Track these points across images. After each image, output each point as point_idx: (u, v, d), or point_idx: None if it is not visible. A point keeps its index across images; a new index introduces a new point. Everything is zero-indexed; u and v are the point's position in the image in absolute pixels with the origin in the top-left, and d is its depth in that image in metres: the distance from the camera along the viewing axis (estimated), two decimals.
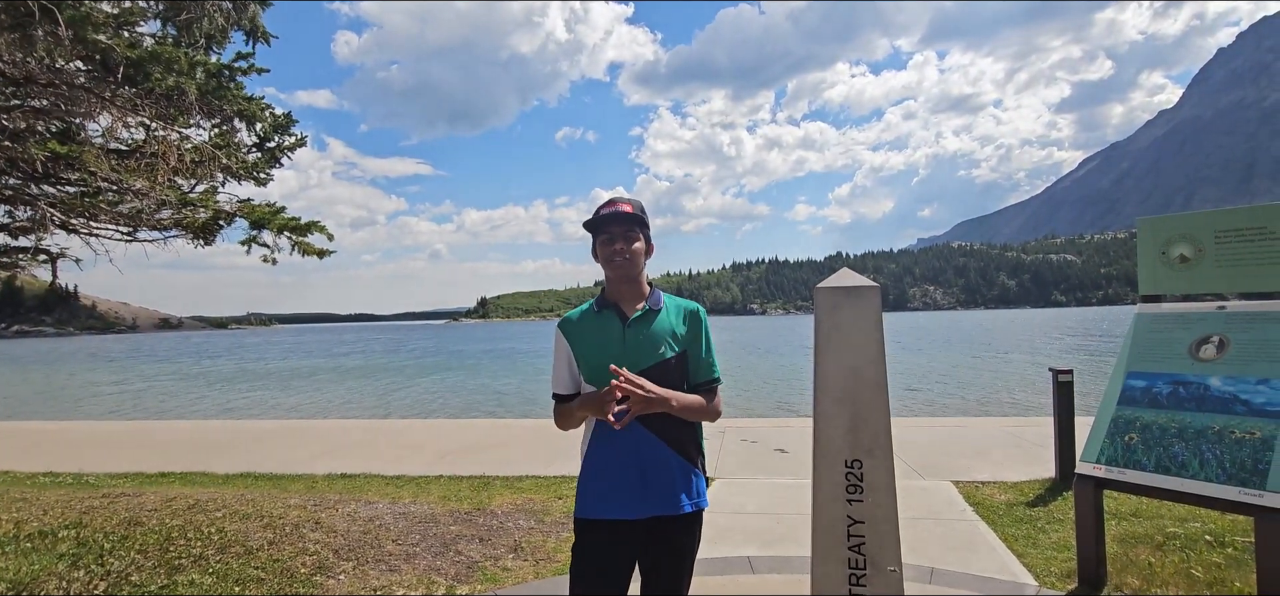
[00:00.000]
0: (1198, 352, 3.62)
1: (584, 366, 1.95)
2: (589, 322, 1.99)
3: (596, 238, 1.99)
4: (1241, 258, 3.64)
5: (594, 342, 1.94)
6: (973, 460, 6.60)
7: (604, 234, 1.96)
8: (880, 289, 1.82)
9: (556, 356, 2.01)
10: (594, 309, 2.02)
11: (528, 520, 4.83)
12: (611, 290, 2.01)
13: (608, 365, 1.83)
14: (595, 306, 2.02)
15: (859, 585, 1.71)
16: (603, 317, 1.98)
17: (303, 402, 20.41)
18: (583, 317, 2.00)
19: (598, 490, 1.90)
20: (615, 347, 1.91)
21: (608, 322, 1.97)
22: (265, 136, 5.20)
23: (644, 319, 1.97)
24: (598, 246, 1.99)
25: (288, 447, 8.40)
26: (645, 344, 1.93)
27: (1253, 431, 3.19)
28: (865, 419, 1.75)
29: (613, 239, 1.95)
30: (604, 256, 1.97)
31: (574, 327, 1.99)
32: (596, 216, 1.96)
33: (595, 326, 1.97)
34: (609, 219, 1.94)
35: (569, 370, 1.98)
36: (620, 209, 1.94)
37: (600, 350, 1.92)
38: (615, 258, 1.94)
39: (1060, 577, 3.64)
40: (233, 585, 3.56)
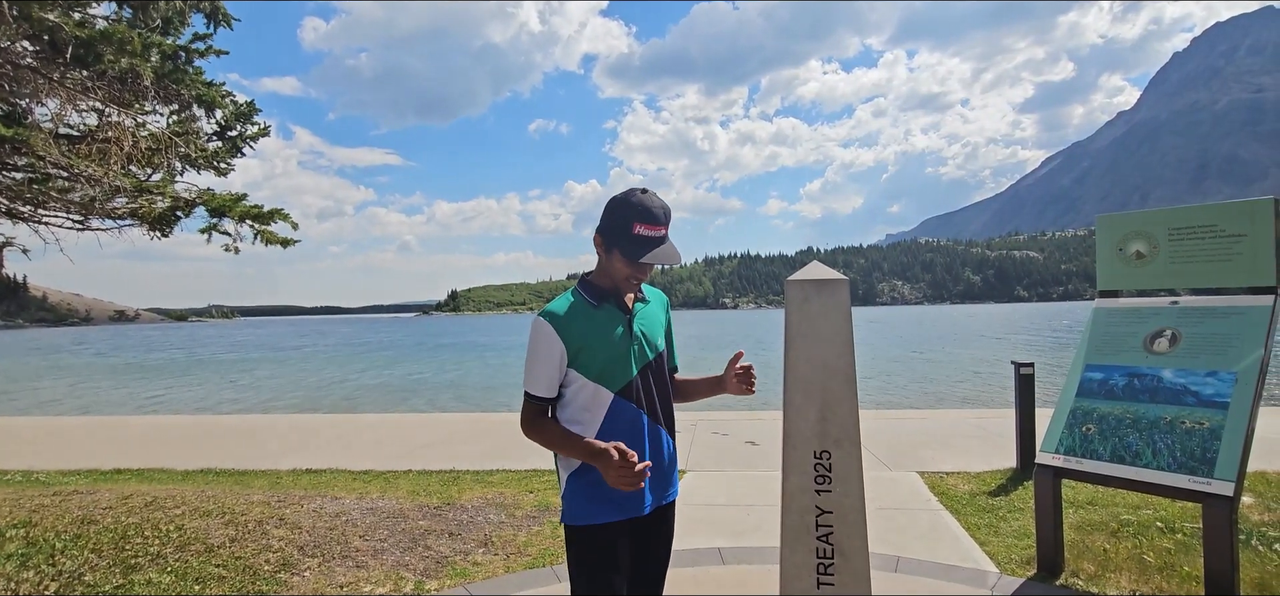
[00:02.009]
0: (1151, 346, 3.75)
1: (587, 364, 1.82)
2: (588, 317, 1.85)
3: (624, 256, 1.80)
4: (1193, 255, 3.77)
5: (600, 337, 1.83)
6: (937, 451, 6.74)
7: (639, 266, 1.81)
8: (849, 282, 1.84)
9: (541, 355, 1.80)
10: (587, 301, 1.87)
11: (498, 514, 4.79)
12: (606, 281, 1.90)
13: (619, 359, 1.84)
14: (588, 298, 1.88)
15: (827, 574, 1.73)
16: (605, 311, 1.87)
17: (266, 398, 19.94)
18: (576, 311, 1.85)
19: (605, 494, 1.81)
20: (624, 344, 1.87)
21: (611, 316, 1.88)
22: (227, 124, 5.04)
23: (642, 312, 1.96)
24: (621, 264, 1.82)
25: (250, 443, 8.20)
26: (648, 337, 1.94)
27: (1201, 422, 3.32)
28: (834, 410, 1.77)
29: (645, 270, 1.84)
30: (630, 272, 1.83)
31: (569, 323, 1.82)
32: (637, 240, 1.77)
33: (598, 321, 1.85)
34: (651, 255, 1.78)
35: (559, 370, 1.82)
36: (664, 235, 1.82)
37: (610, 345, 1.84)
38: (636, 280, 1.87)
39: (1020, 564, 3.75)
40: (193, 584, 3.46)
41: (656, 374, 1.94)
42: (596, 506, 1.82)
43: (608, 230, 1.83)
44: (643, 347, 1.92)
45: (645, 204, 1.80)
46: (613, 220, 1.82)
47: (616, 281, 1.88)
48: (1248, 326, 3.46)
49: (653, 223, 1.79)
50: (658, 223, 1.80)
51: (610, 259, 1.84)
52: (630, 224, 1.78)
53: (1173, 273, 3.86)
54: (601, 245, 1.86)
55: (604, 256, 1.87)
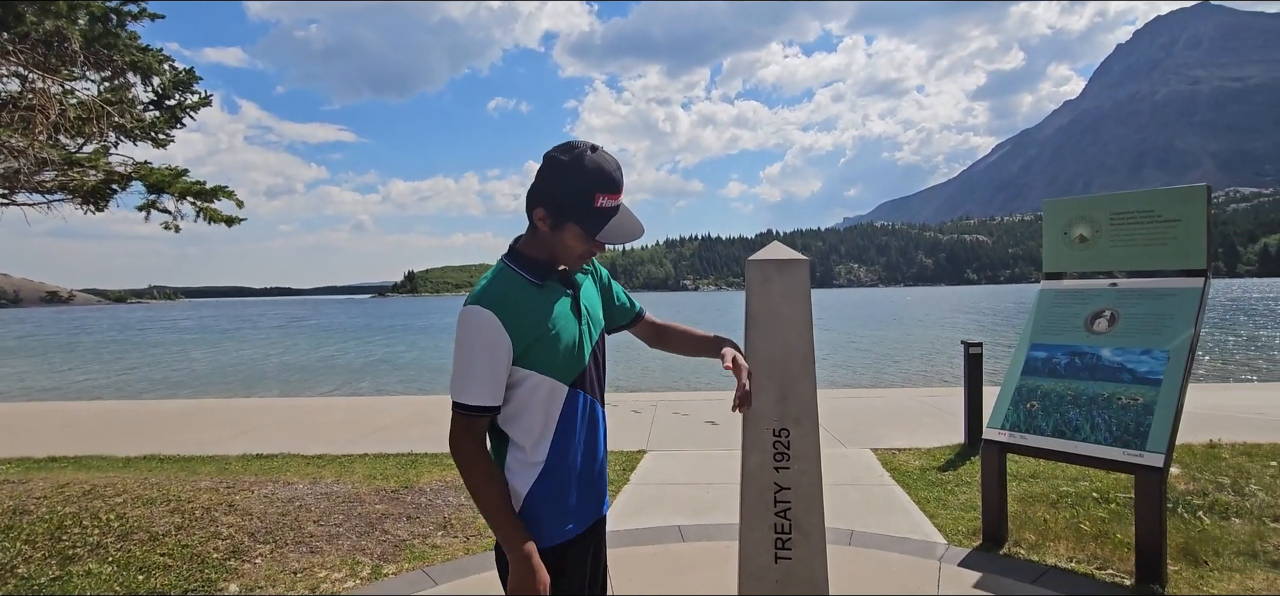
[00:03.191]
0: (1092, 326, 3.91)
1: (539, 358, 1.48)
2: (531, 299, 1.48)
3: (577, 229, 1.47)
4: (1132, 238, 3.94)
5: (553, 325, 1.50)
6: (890, 429, 6.94)
7: (607, 240, 1.50)
8: (808, 262, 1.86)
9: (485, 352, 1.41)
10: (527, 279, 1.50)
11: (457, 497, 4.74)
12: (540, 251, 1.54)
13: (573, 347, 1.53)
14: (528, 275, 1.50)
15: (785, 549, 1.77)
16: (549, 292, 1.52)
17: (211, 381, 19.24)
18: (518, 295, 1.47)
19: (563, 499, 1.53)
20: (576, 327, 1.55)
21: (558, 296, 1.54)
22: (164, 92, 4.77)
23: (583, 286, 1.66)
24: (573, 240, 1.49)
25: (196, 428, 7.91)
26: (594, 315, 1.65)
27: (1136, 397, 3.49)
28: (793, 389, 1.79)
29: (600, 247, 1.54)
30: (581, 251, 1.52)
31: (514, 312, 1.44)
32: (599, 212, 1.46)
33: (545, 304, 1.50)
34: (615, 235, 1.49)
35: (506, 368, 1.44)
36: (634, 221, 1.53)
37: (564, 333, 1.51)
38: (589, 258, 1.59)
39: (967, 535, 3.90)
40: (136, 574, 3.33)
41: (601, 352, 1.66)
42: (559, 522, 1.53)
43: (560, 202, 1.45)
44: (591, 327, 1.61)
45: (603, 167, 1.45)
46: (566, 189, 1.45)
47: (562, 258, 1.54)
48: (1180, 307, 3.64)
49: (614, 191, 1.47)
50: (618, 189, 1.48)
51: (561, 234, 1.48)
52: (592, 195, 1.44)
53: (1113, 255, 4.03)
54: (546, 220, 1.48)
55: (549, 232, 1.49)
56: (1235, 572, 3.31)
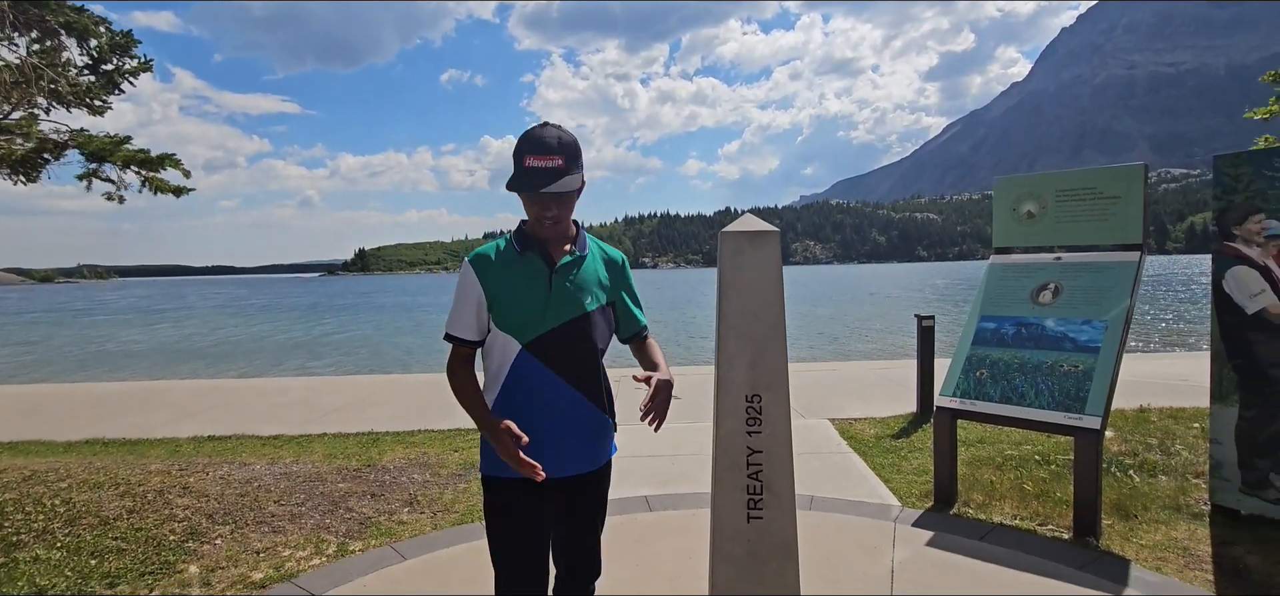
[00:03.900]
0: (1037, 298, 4.12)
1: (501, 313, 1.73)
2: (510, 264, 1.75)
3: (523, 183, 1.65)
4: (1076, 215, 4.14)
5: (517, 288, 1.72)
6: (847, 400, 7.17)
7: (536, 199, 1.67)
8: (778, 233, 1.91)
9: (462, 295, 1.74)
10: (515, 248, 1.76)
11: (422, 473, 4.71)
12: (538, 229, 1.75)
13: (533, 311, 1.71)
14: (516, 245, 1.77)
15: (757, 509, 1.83)
16: (527, 260, 1.75)
17: (155, 363, 18.46)
18: (500, 257, 1.76)
19: (528, 447, 1.67)
20: (541, 296, 1.72)
21: (533, 267, 1.74)
22: (101, 56, 4.50)
23: (572, 265, 1.78)
24: (527, 203, 1.71)
25: (141, 411, 7.60)
26: (573, 293, 1.77)
27: (1077, 365, 3.70)
28: (764, 356, 1.84)
29: (545, 205, 1.68)
30: (533, 216, 1.72)
31: (490, 268, 1.74)
32: (525, 169, 1.64)
33: (518, 269, 1.74)
34: (540, 181, 1.63)
35: (478, 314, 1.74)
36: (552, 164, 1.64)
37: (525, 297, 1.72)
38: (545, 222, 1.71)
39: (919, 497, 4.08)
40: (88, 558, 3.22)
41: (579, 334, 1.76)
42: (498, 459, 1.71)
43: (514, 174, 1.68)
44: (564, 303, 1.75)
45: (537, 134, 1.66)
46: (514, 163, 1.67)
47: (532, 223, 1.75)
48: (1117, 279, 3.86)
49: (543, 153, 1.64)
50: (549, 152, 1.64)
51: (526, 204, 1.72)
52: (522, 157, 1.65)
53: (1058, 231, 4.23)
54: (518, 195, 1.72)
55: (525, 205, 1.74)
56: (1161, 524, 3.57)
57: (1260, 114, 6.64)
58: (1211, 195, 3.85)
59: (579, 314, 1.77)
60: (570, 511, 1.86)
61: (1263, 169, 3.61)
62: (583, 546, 1.92)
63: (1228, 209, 3.74)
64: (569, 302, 1.76)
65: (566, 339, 1.74)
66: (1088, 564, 3.13)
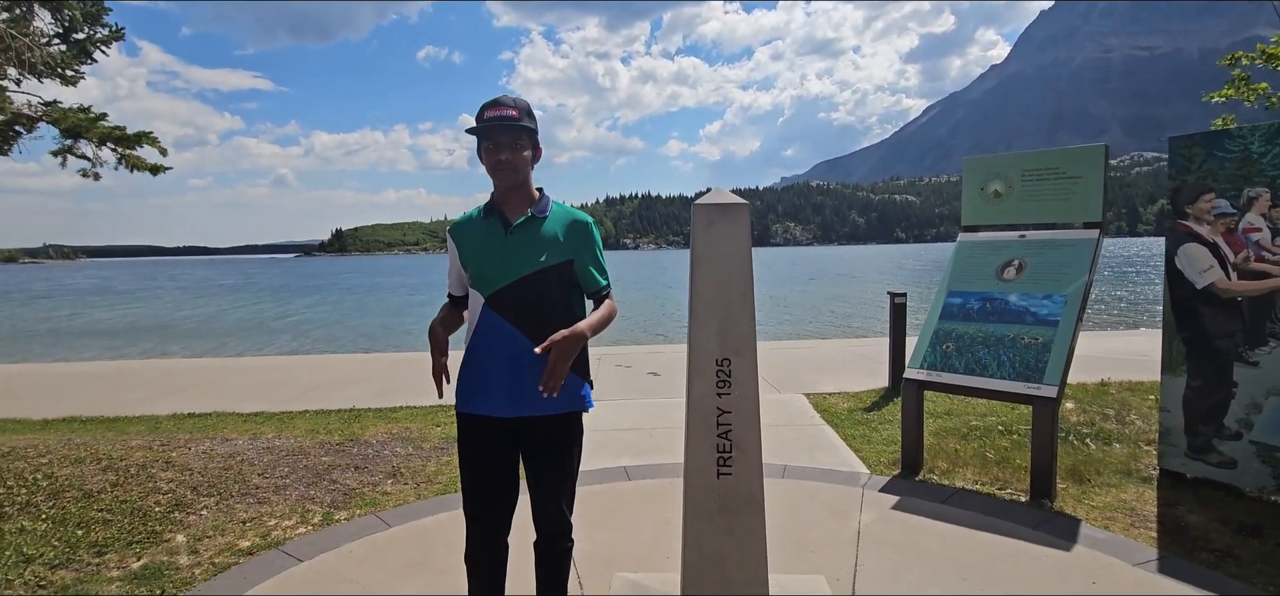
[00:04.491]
0: (1002, 274, 4.28)
1: (469, 271, 1.99)
2: (475, 227, 2.01)
3: (481, 143, 1.92)
4: (1039, 194, 4.30)
5: (478, 246, 1.96)
6: (822, 375, 7.35)
7: (488, 141, 1.90)
8: (748, 206, 2.01)
9: (450, 258, 2.07)
10: (481, 213, 2.02)
11: (405, 447, 4.78)
12: (499, 195, 1.99)
13: (491, 268, 1.93)
14: (483, 211, 2.02)
15: (726, 465, 1.95)
16: (488, 223, 1.98)
17: (128, 343, 18.17)
18: (469, 222, 2.03)
19: (472, 386, 1.96)
20: (498, 252, 1.93)
21: (492, 228, 1.97)
22: (73, 26, 4.43)
23: (527, 225, 1.95)
24: (482, 153, 1.93)
25: (118, 389, 7.55)
26: (526, 250, 1.92)
27: (1037, 337, 3.87)
28: (733, 322, 1.95)
29: (498, 147, 1.89)
30: (489, 164, 1.93)
31: (461, 231, 2.03)
32: (481, 121, 1.89)
33: (481, 230, 1.99)
34: (494, 126, 1.87)
35: (458, 273, 2.04)
36: (506, 114, 1.87)
37: (485, 254, 1.94)
38: (501, 166, 1.91)
39: (888, 465, 4.25)
40: (74, 529, 3.26)
41: (536, 289, 1.91)
42: (462, 395, 1.99)
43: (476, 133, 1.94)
44: (519, 259, 1.91)
45: (495, 97, 1.94)
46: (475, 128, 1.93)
47: (499, 189, 1.98)
48: (1077, 256, 4.03)
49: (497, 105, 1.90)
50: (503, 105, 1.90)
51: (483, 161, 1.95)
52: (481, 114, 1.91)
53: (1024, 209, 4.39)
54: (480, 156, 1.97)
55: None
56: (1112, 487, 3.78)
57: (1218, 97, 6.87)
58: (1167, 175, 4.03)
59: (533, 270, 1.92)
60: (531, 454, 2.00)
61: (1214, 150, 3.78)
62: (544, 491, 2.00)
63: (1181, 189, 3.92)
64: (523, 260, 1.92)
65: (522, 293, 1.92)
66: (1041, 523, 3.31)
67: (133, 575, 2.90)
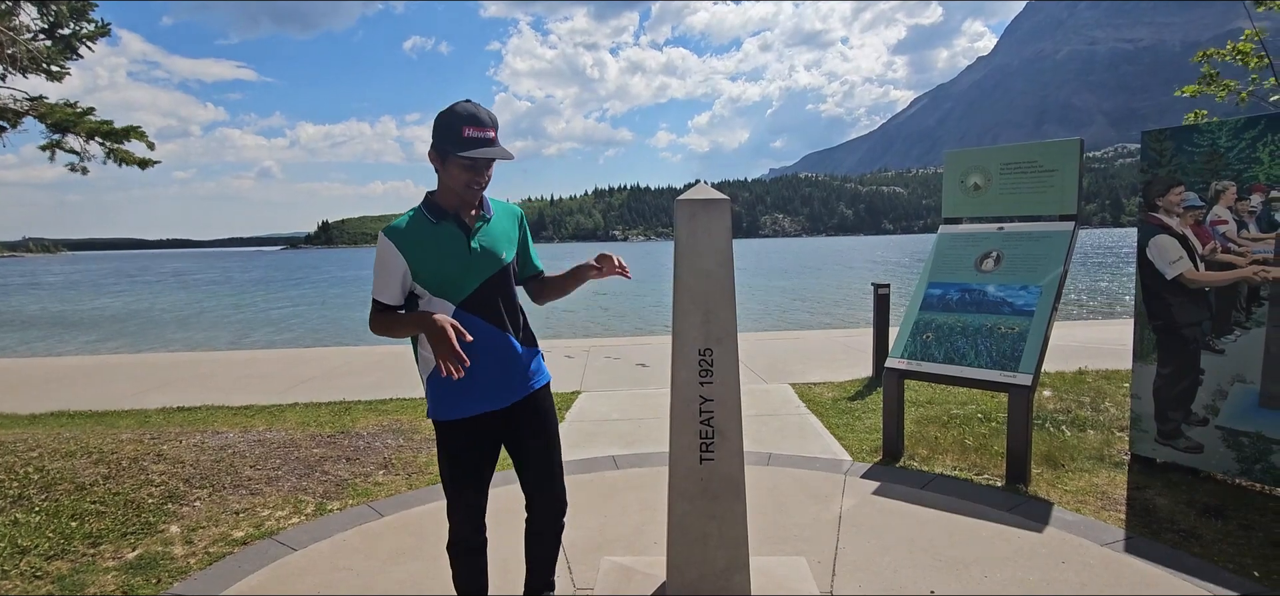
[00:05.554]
0: (980, 265, 4.39)
1: (428, 280, 1.90)
2: (426, 233, 1.91)
3: (456, 155, 1.82)
4: (1017, 187, 4.41)
5: (439, 254, 1.90)
6: (807, 365, 7.47)
7: (471, 162, 1.84)
8: (730, 202, 2.08)
9: (385, 266, 1.88)
10: (428, 218, 1.93)
11: (396, 439, 4.83)
12: (449, 200, 1.93)
13: (459, 274, 1.90)
14: (429, 216, 1.93)
15: (708, 451, 2.03)
16: (443, 229, 1.92)
17: (109, 337, 18.01)
18: (415, 228, 1.91)
19: (460, 390, 1.93)
20: (463, 258, 1.91)
21: (450, 234, 1.92)
22: (59, 21, 4.41)
23: (483, 228, 1.98)
24: (455, 166, 1.84)
25: (106, 384, 7.53)
26: (490, 250, 1.97)
27: (1013, 327, 3.99)
28: (715, 313, 2.03)
29: (480, 172, 1.87)
30: (465, 181, 1.86)
31: (408, 238, 1.89)
32: (468, 142, 1.82)
33: (436, 237, 1.91)
34: (483, 152, 1.83)
35: (402, 283, 1.90)
36: (493, 142, 1.86)
37: (448, 261, 1.90)
38: (474, 188, 1.89)
39: (870, 453, 4.36)
40: (68, 521, 3.30)
41: (502, 285, 2.00)
42: (450, 403, 1.95)
43: (439, 143, 1.85)
44: (482, 262, 1.95)
45: (471, 110, 1.85)
46: (443, 133, 1.84)
47: (457, 193, 1.90)
48: (1052, 248, 4.14)
49: (480, 126, 1.84)
50: (484, 126, 1.85)
51: (448, 170, 1.87)
52: (460, 130, 1.82)
53: (1002, 202, 4.49)
54: (438, 160, 1.89)
55: (442, 171, 1.90)
56: (1085, 472, 3.91)
57: (1189, 91, 7.02)
58: (1139, 168, 4.15)
59: (499, 268, 2.00)
60: (522, 435, 2.07)
61: (1183, 145, 3.90)
62: (546, 462, 2.10)
63: (1152, 182, 4.04)
64: (489, 260, 1.98)
65: (491, 291, 1.98)
66: (1015, 506, 3.43)
67: (128, 565, 2.95)
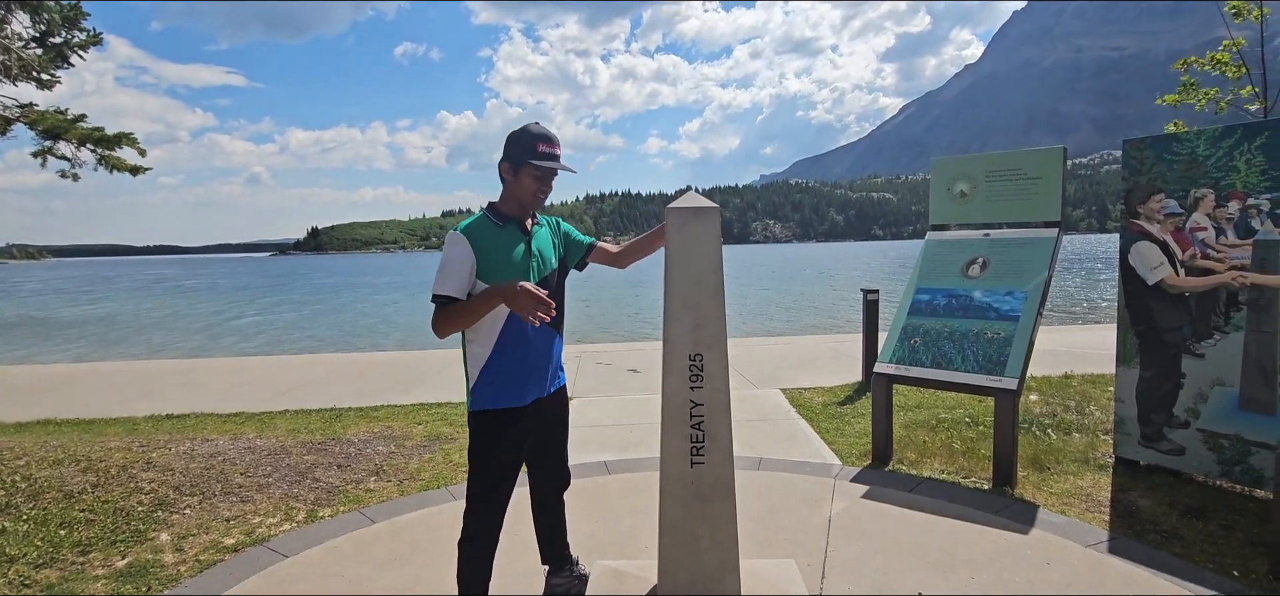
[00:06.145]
0: (967, 271, 4.45)
1: (490, 273, 2.10)
2: (492, 235, 2.14)
3: (527, 165, 2.12)
4: (1002, 194, 4.48)
5: (502, 255, 2.13)
6: (798, 371, 7.52)
7: (542, 176, 2.15)
8: (719, 209, 2.12)
9: (454, 261, 2.06)
10: (493, 222, 2.18)
11: (387, 445, 4.83)
12: (514, 208, 2.21)
13: (520, 274, 2.13)
14: (494, 219, 2.19)
15: (699, 455, 2.06)
16: (506, 231, 2.17)
17: (105, 345, 17.83)
18: (482, 229, 2.14)
19: (518, 379, 2.16)
20: (523, 259, 2.17)
21: (512, 236, 2.18)
22: (50, 29, 4.40)
23: (537, 234, 2.27)
24: (526, 176, 2.14)
25: (93, 391, 7.47)
26: (544, 254, 2.26)
27: (999, 332, 4.05)
28: (706, 320, 2.06)
29: (547, 179, 2.18)
30: (533, 191, 2.16)
31: (476, 237, 2.11)
32: (542, 156, 2.13)
33: (500, 239, 2.15)
34: (553, 164, 2.16)
35: (469, 276, 2.07)
36: (561, 159, 2.21)
37: (510, 262, 2.13)
38: (540, 195, 2.20)
39: (859, 457, 4.41)
40: (57, 529, 3.28)
41: (554, 285, 2.28)
42: (518, 388, 2.17)
43: (515, 156, 2.16)
44: (539, 263, 2.23)
45: (543, 130, 2.20)
46: (518, 147, 2.15)
47: (523, 201, 2.19)
48: (1037, 253, 4.21)
49: (552, 143, 2.19)
50: (554, 143, 2.21)
51: (518, 180, 2.16)
52: (535, 145, 2.15)
53: (988, 209, 4.56)
54: (509, 171, 2.17)
55: (511, 181, 2.18)
56: (1069, 475, 3.97)
57: (1170, 100, 7.15)
58: (1120, 177, 4.23)
59: (551, 269, 2.29)
60: (551, 422, 2.38)
61: (1163, 153, 3.98)
62: (565, 447, 2.50)
63: (1133, 189, 4.12)
64: (543, 262, 2.25)
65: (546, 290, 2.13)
66: (1002, 509, 3.48)
67: (118, 573, 2.94)
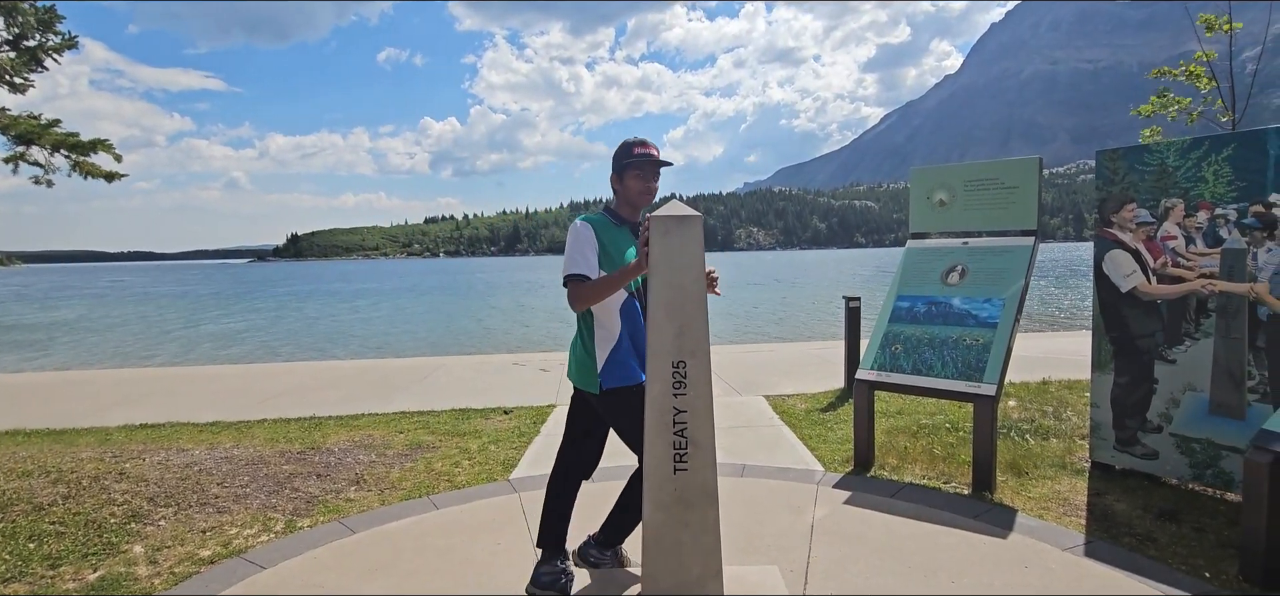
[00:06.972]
0: (946, 279, 4.52)
1: (608, 264, 2.43)
2: (611, 231, 2.53)
3: (632, 170, 2.51)
4: (981, 203, 4.55)
5: (621, 248, 2.50)
6: (781, 378, 7.56)
7: (644, 174, 2.53)
8: (702, 218, 2.13)
9: (582, 245, 2.42)
10: (611, 221, 2.57)
11: (368, 454, 4.77)
12: (628, 212, 2.60)
13: (627, 264, 2.41)
14: (612, 219, 2.58)
15: (682, 461, 2.06)
16: (621, 231, 2.56)
17: (72, 354, 17.44)
18: (603, 224, 2.53)
19: (633, 360, 2.45)
20: (631, 254, 2.50)
21: (625, 236, 2.56)
22: (24, 33, 4.31)
23: (636, 232, 2.57)
24: (631, 179, 2.53)
25: (62, 400, 7.30)
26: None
27: (977, 338, 4.10)
28: (689, 327, 2.07)
29: (649, 180, 2.54)
30: (638, 189, 2.54)
31: (602, 230, 2.50)
32: (643, 156, 2.51)
33: (617, 236, 2.52)
34: (656, 163, 2.53)
35: (598, 257, 2.43)
36: (659, 158, 2.54)
37: (622, 257, 2.47)
38: (647, 194, 2.57)
39: (841, 463, 4.44)
40: (25, 543, 3.20)
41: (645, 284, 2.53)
42: (633, 371, 2.44)
43: (618, 165, 2.57)
44: None
45: (637, 137, 2.61)
46: (619, 156, 2.57)
47: (633, 201, 2.57)
48: (1014, 261, 4.28)
49: (644, 143, 2.55)
50: (648, 143, 2.55)
51: (625, 183, 2.55)
52: (631, 148, 2.54)
53: (966, 217, 4.64)
54: (616, 180, 2.59)
55: (620, 187, 2.58)
56: (1047, 479, 4.03)
57: (1144, 111, 7.32)
58: (1094, 186, 4.32)
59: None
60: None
61: (1135, 164, 4.07)
62: (603, 441, 2.83)
63: (1107, 199, 4.20)
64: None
65: (643, 287, 2.52)
66: (981, 513, 3.52)
67: (89, 587, 2.87)
